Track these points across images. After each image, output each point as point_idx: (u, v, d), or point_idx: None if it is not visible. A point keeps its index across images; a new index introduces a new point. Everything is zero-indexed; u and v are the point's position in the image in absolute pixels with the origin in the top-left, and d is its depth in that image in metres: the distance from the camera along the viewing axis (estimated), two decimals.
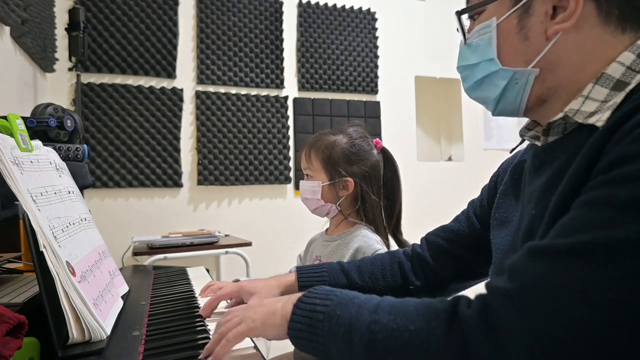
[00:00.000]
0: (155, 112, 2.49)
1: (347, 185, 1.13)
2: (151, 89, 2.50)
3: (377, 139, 1.21)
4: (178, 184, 2.52)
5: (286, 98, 2.81)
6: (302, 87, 2.87)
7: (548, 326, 0.40)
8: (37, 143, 0.76)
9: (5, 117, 0.70)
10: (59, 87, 2.31)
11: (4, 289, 0.84)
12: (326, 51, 2.94)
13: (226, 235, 2.46)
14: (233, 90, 2.69)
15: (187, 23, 2.61)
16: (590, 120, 0.52)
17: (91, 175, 1.24)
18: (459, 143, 3.38)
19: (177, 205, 2.54)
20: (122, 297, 0.83)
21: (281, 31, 2.82)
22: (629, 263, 0.39)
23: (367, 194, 1.13)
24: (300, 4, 2.89)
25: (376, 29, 3.10)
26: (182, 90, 2.56)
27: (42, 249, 0.58)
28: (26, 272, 1.03)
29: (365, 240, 1.08)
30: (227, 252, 2.21)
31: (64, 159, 0.89)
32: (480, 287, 0.53)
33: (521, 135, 0.67)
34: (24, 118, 0.79)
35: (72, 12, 2.01)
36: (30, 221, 0.58)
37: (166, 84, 2.55)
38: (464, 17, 0.64)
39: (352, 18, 3.02)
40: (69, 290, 0.59)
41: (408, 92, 3.19)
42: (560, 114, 0.55)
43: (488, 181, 0.84)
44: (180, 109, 2.55)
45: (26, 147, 0.70)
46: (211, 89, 2.64)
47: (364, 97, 3.04)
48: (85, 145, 1.11)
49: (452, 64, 0.85)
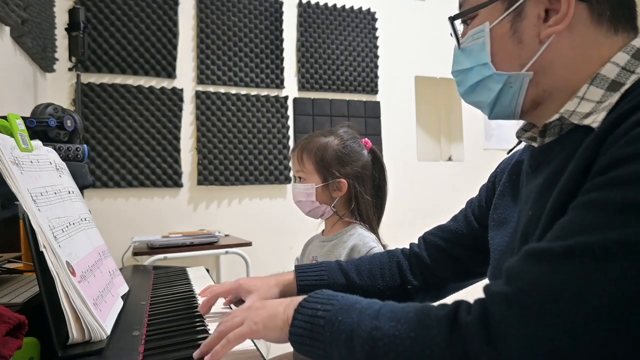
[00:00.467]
0: (155, 112, 2.50)
1: (341, 187, 1.14)
2: (151, 89, 2.50)
3: (366, 138, 1.22)
4: (178, 184, 2.52)
5: (286, 98, 2.81)
6: (302, 87, 2.87)
7: (547, 330, 0.40)
8: (37, 143, 0.76)
9: (5, 117, 0.70)
10: (59, 87, 2.32)
11: (4, 289, 0.85)
12: (326, 51, 2.93)
13: (226, 235, 2.46)
14: (233, 90, 2.69)
15: (187, 23, 2.61)
16: (586, 121, 0.52)
17: (91, 175, 1.24)
18: (459, 143, 3.38)
19: (177, 205, 2.54)
20: (122, 297, 0.83)
21: (281, 31, 2.82)
22: (627, 265, 0.39)
23: (361, 194, 1.14)
24: (300, 4, 2.89)
25: (376, 29, 3.10)
26: (182, 90, 2.56)
27: (42, 249, 0.58)
28: (26, 272, 1.03)
29: (361, 239, 1.09)
30: (227, 252, 2.21)
31: (64, 159, 0.89)
32: (479, 287, 0.53)
33: (518, 137, 0.67)
34: (24, 118, 0.79)
35: (72, 12, 2.01)
36: (30, 221, 0.58)
37: (166, 84, 2.55)
38: (457, 22, 0.64)
39: (352, 18, 3.02)
40: (69, 290, 0.59)
41: (408, 92, 3.19)
42: (556, 116, 0.56)
43: (486, 181, 0.84)
44: (180, 109, 2.56)
45: (26, 147, 0.70)
46: (211, 89, 2.65)
47: (364, 97, 3.03)
48: (85, 145, 1.11)
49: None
